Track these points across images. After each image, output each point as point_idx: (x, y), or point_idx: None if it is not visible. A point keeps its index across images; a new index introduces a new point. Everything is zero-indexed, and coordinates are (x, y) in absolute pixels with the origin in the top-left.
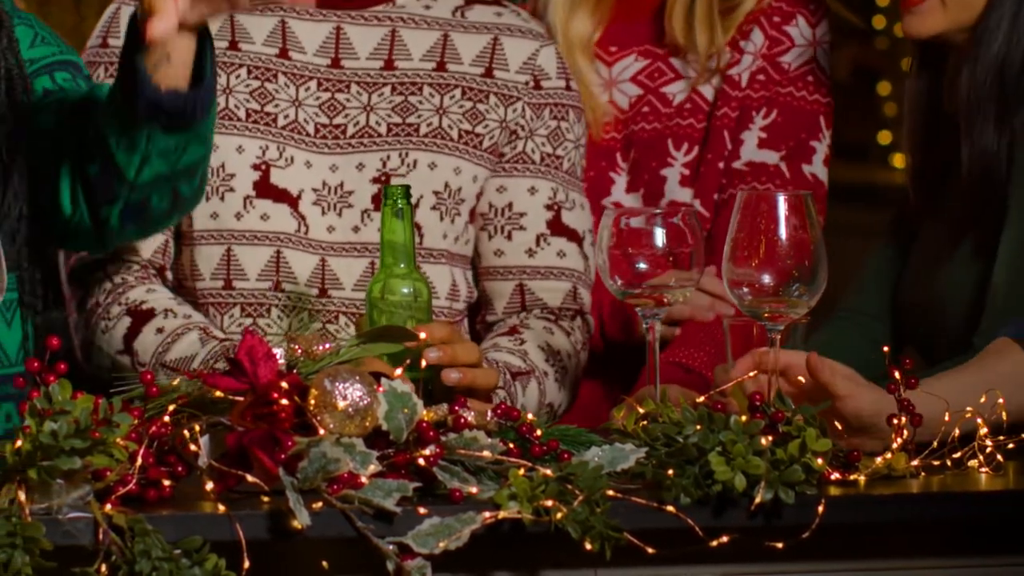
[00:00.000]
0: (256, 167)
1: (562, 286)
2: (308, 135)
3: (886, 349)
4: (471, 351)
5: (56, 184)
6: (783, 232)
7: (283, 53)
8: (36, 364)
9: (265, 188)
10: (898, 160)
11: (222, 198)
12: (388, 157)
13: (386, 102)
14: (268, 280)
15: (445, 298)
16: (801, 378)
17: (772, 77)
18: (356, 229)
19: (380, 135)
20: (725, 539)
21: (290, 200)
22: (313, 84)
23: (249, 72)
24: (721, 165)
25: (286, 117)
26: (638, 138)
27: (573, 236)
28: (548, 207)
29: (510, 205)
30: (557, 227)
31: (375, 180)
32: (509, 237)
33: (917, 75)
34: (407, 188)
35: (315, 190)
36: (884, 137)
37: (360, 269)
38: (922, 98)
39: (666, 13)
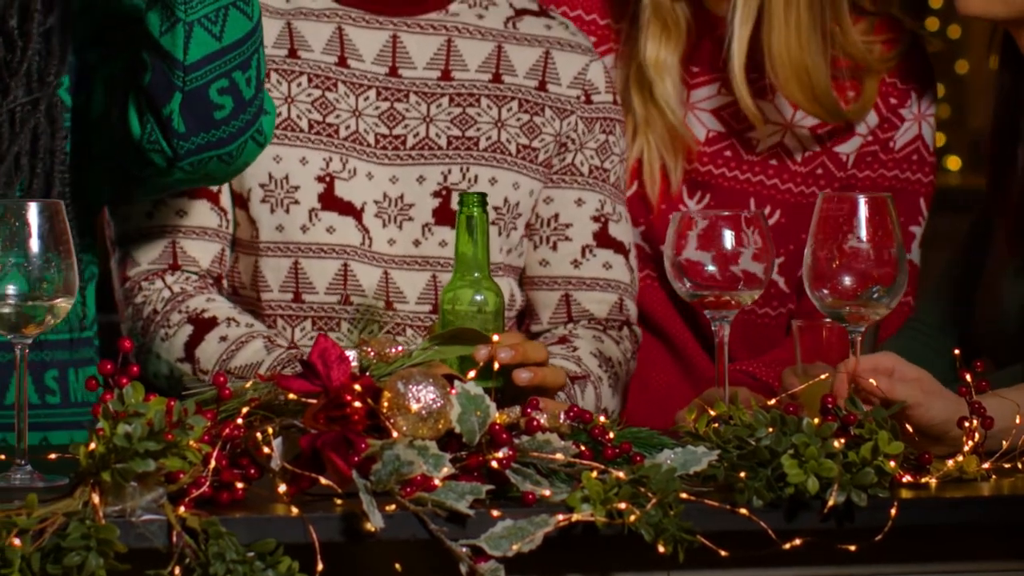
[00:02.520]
0: (320, 179)
1: (608, 297)
2: (369, 145)
3: (957, 352)
4: (540, 350)
5: (125, 112)
6: (864, 234)
7: (342, 61)
8: (109, 366)
9: (330, 200)
10: (951, 163)
11: (287, 210)
12: (449, 171)
13: (445, 113)
14: (336, 294)
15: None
16: (873, 380)
17: (880, 159)
18: (417, 243)
19: (440, 148)
20: (798, 542)
21: (354, 213)
22: (372, 93)
23: (310, 80)
24: None
25: (347, 128)
26: (717, 184)
27: (620, 248)
28: (595, 219)
29: (556, 216)
30: (604, 239)
31: (436, 194)
32: (554, 248)
33: (999, 74)
34: (483, 196)
35: (376, 202)
36: (938, 139)
37: (423, 283)
38: (1001, 98)
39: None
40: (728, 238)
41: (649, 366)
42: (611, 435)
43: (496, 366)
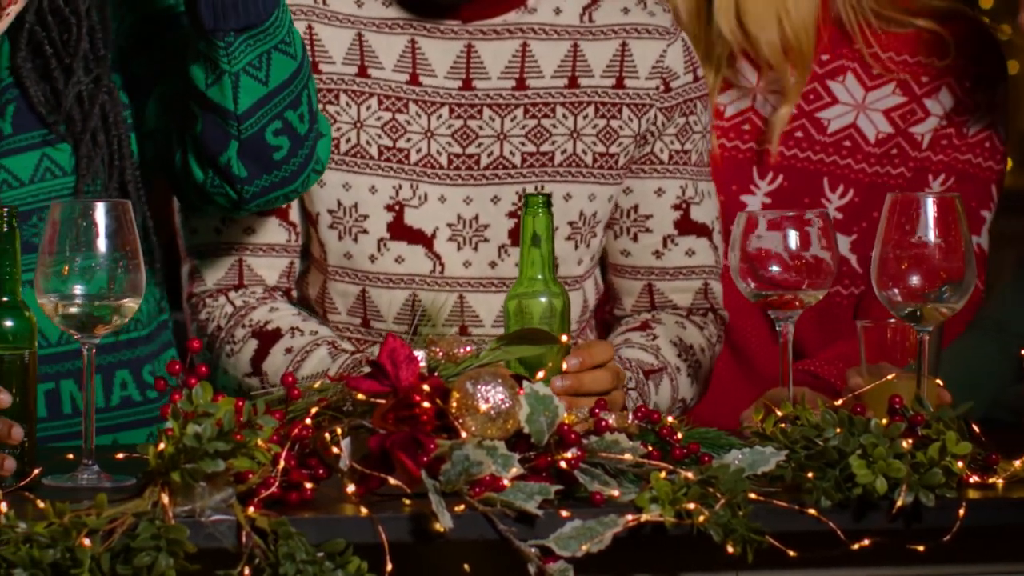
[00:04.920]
0: (390, 208)
1: (692, 285)
2: (441, 167)
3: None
4: (607, 351)
5: (184, 156)
6: (932, 234)
7: (414, 79)
8: (178, 367)
9: (399, 230)
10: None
11: (355, 239)
12: (524, 190)
13: (519, 127)
14: (405, 323)
15: (574, 321)
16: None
17: (953, 143)
18: (493, 264)
19: (515, 166)
20: (866, 542)
21: (425, 240)
22: (445, 111)
23: (380, 103)
24: None
25: (419, 151)
26: (789, 165)
27: (702, 231)
28: (676, 207)
29: (636, 207)
30: (685, 226)
31: (511, 214)
32: (635, 239)
33: None
34: (548, 197)
35: (450, 225)
36: None
37: (499, 305)
38: None
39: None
40: (793, 237)
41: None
42: (679, 435)
43: (564, 367)
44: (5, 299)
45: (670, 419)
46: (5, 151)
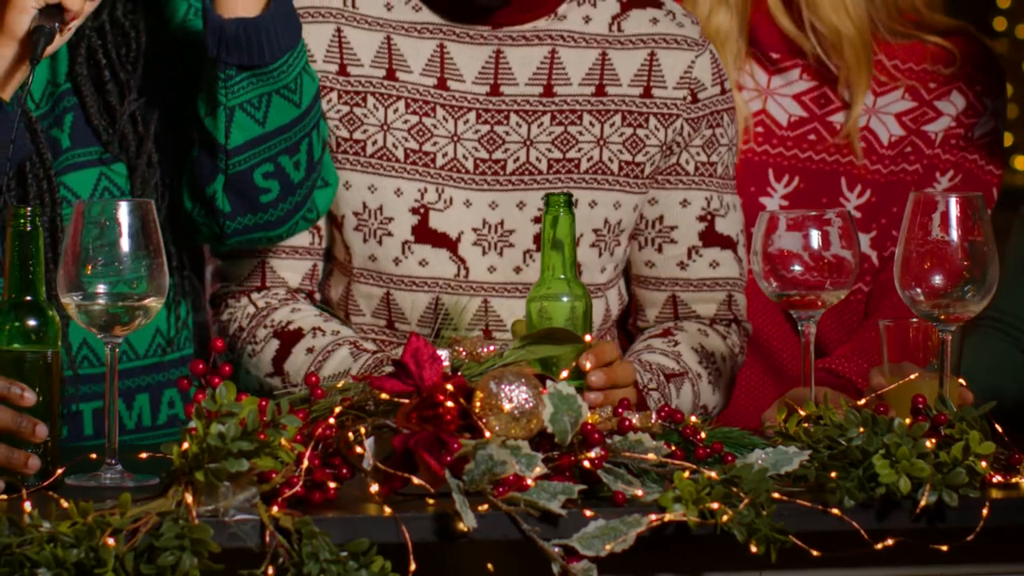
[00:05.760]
0: (415, 211)
1: (716, 296)
2: (467, 172)
3: None
4: (628, 371)
5: (180, 182)
6: (954, 234)
7: (441, 83)
8: (201, 366)
9: (424, 233)
10: (1020, 162)
11: (380, 242)
12: None
13: (546, 134)
14: (428, 326)
15: (597, 327)
16: None
17: (962, 143)
18: (518, 270)
19: (540, 172)
20: (890, 542)
21: (449, 244)
22: (472, 116)
23: (407, 106)
24: None
25: (445, 155)
26: (805, 167)
27: (727, 243)
28: (701, 218)
29: (661, 218)
30: (710, 237)
31: (537, 220)
32: (660, 250)
33: None
34: (569, 197)
35: (475, 229)
36: (1006, 139)
37: (523, 309)
38: None
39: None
40: (814, 237)
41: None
42: (702, 435)
43: (588, 366)
44: (29, 298)
45: (693, 419)
46: (65, 167)
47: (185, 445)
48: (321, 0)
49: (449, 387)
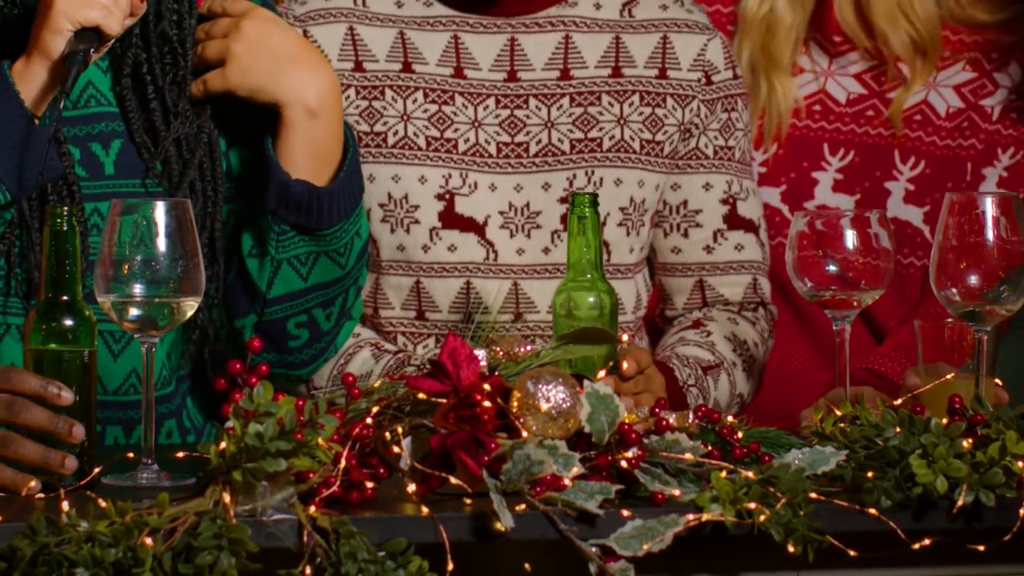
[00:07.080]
0: (440, 197)
1: (742, 279)
2: (491, 156)
3: None
4: (660, 384)
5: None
6: (991, 234)
7: (458, 72)
8: (239, 366)
9: (451, 218)
10: None
11: (407, 230)
12: (574, 176)
13: (566, 115)
14: (460, 312)
15: (631, 312)
16: None
17: (1022, 116)
18: (546, 251)
19: (564, 152)
20: (927, 542)
21: (477, 228)
22: (491, 102)
23: (425, 96)
24: None
25: (466, 141)
26: (860, 141)
27: (750, 227)
28: (724, 201)
29: (685, 203)
30: (734, 220)
31: (563, 200)
32: (686, 235)
33: None
34: (594, 196)
35: (502, 213)
36: None
37: (553, 291)
38: None
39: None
40: (850, 237)
41: (788, 344)
42: (739, 435)
43: (625, 367)
44: (65, 298)
45: (730, 418)
46: (106, 194)
47: (223, 445)
48: (331, 1)
49: (486, 387)
